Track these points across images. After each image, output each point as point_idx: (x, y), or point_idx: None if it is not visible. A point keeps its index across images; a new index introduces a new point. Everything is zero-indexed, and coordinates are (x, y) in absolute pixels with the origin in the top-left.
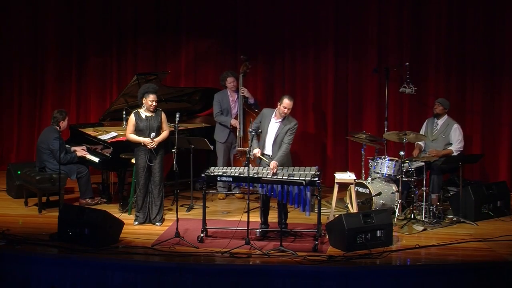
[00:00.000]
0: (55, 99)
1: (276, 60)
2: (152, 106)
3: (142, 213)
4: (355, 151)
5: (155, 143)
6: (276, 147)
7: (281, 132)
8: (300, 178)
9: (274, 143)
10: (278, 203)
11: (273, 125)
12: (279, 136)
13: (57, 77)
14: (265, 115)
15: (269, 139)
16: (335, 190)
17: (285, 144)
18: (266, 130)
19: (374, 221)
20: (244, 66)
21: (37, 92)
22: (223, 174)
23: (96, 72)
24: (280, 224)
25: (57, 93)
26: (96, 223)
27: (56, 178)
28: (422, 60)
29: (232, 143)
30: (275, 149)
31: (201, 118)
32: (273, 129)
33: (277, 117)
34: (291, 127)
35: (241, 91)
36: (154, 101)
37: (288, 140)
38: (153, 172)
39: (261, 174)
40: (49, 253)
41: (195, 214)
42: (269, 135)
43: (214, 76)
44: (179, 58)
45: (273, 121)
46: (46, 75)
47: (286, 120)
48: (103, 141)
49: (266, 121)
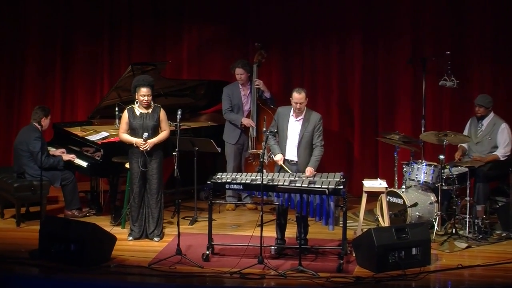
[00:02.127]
0: (36, 94)
1: (294, 49)
2: (145, 102)
3: (137, 226)
4: (386, 155)
5: (149, 145)
6: (302, 151)
7: (305, 132)
8: (323, 186)
9: (299, 146)
10: (297, 215)
11: (294, 125)
12: (305, 137)
13: (39, 68)
14: (281, 115)
15: (292, 142)
16: (363, 200)
17: (318, 147)
18: (286, 131)
19: (409, 237)
20: (259, 55)
21: (15, 85)
22: (232, 181)
23: (84, 62)
24: (299, 239)
25: (38, 87)
26: (84, 238)
27: (37, 185)
28: (465, 48)
29: (243, 144)
30: (301, 153)
31: (206, 116)
32: (295, 130)
33: (296, 115)
34: (317, 124)
35: (256, 83)
36: (146, 95)
37: (319, 141)
38: (149, 178)
39: (277, 181)
40: (29, 274)
41: (199, 228)
42: (291, 137)
43: (221, 67)
44: (181, 47)
45: (292, 120)
46: (25, 65)
47: (307, 115)
48: (92, 142)
49: (284, 121)
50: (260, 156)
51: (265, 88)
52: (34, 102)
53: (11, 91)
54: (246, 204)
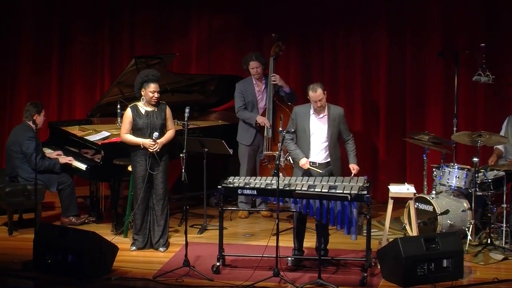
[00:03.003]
0: (31, 90)
1: (313, 41)
2: (154, 99)
3: (141, 235)
4: (415, 157)
5: (159, 146)
6: (333, 150)
7: (334, 129)
8: (345, 192)
9: (330, 146)
10: (316, 223)
11: (318, 124)
12: (334, 135)
13: (34, 62)
14: (300, 114)
15: (319, 142)
16: (390, 207)
17: (349, 140)
18: (308, 132)
19: (439, 247)
20: (276, 46)
21: (7, 81)
22: (245, 185)
23: (83, 55)
24: (318, 250)
25: (32, 82)
26: (83, 248)
27: (31, 190)
28: (502, 39)
29: (258, 146)
30: (333, 152)
31: (217, 114)
32: (321, 129)
33: (317, 113)
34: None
35: (272, 78)
36: (156, 92)
37: (349, 134)
38: (155, 183)
39: (294, 186)
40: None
41: (209, 237)
42: (317, 138)
43: (233, 60)
44: (189, 38)
45: (314, 119)
46: (19, 59)
47: (330, 111)
48: (91, 143)
49: (305, 121)
50: (276, 158)
51: (283, 83)
52: (28, 99)
53: (3, 87)
54: (261, 211)
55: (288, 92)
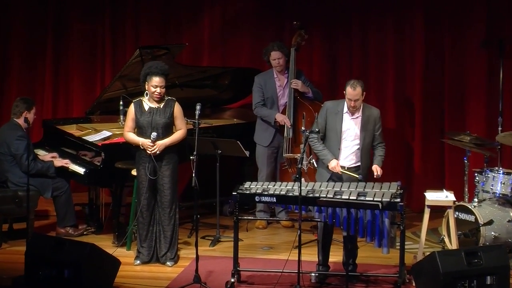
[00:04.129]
0: (23, 85)
1: (340, 30)
2: (156, 94)
3: (146, 248)
4: (454, 160)
5: (158, 148)
6: (364, 154)
7: (367, 132)
8: (375, 199)
9: (362, 150)
10: (344, 235)
11: (351, 124)
12: (367, 138)
13: (25, 53)
14: (331, 111)
15: (350, 144)
16: (426, 216)
17: (380, 148)
18: (339, 132)
19: (482, 262)
20: (298, 36)
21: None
22: (263, 192)
23: (81, 45)
24: (346, 265)
25: (25, 75)
26: (80, 262)
27: (23, 196)
28: None
29: (278, 147)
30: (364, 158)
31: (232, 112)
32: (353, 130)
33: (351, 112)
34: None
35: (293, 84)
36: (159, 86)
37: (381, 141)
38: (161, 189)
39: (318, 192)
40: None
41: (222, 250)
42: (349, 140)
43: (250, 51)
44: (200, 27)
45: (347, 119)
46: (8, 50)
47: (366, 111)
48: (91, 144)
49: (337, 120)
50: (298, 161)
51: (305, 89)
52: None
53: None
54: (281, 220)
55: (311, 96)
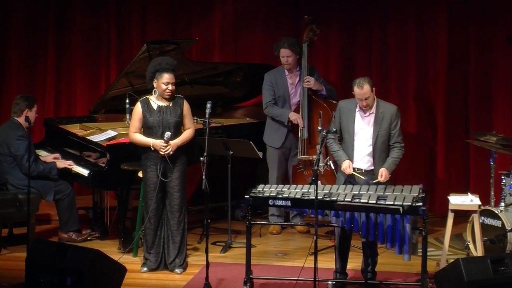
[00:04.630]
0: (23, 82)
1: (358, 25)
2: (168, 92)
3: (153, 254)
4: (480, 162)
5: (172, 148)
6: (378, 155)
7: (380, 131)
8: (396, 203)
9: (374, 150)
10: (362, 241)
11: (363, 123)
12: (380, 137)
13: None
14: (344, 110)
15: (362, 145)
16: (449, 221)
17: (396, 148)
18: (352, 132)
19: (509, 270)
20: (310, 31)
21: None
22: (277, 195)
23: (85, 40)
24: (364, 273)
25: (25, 72)
26: (84, 269)
27: (24, 199)
28: None
29: (291, 149)
30: (377, 159)
31: (244, 110)
32: (365, 129)
33: (364, 110)
34: (393, 119)
35: (306, 81)
36: (170, 83)
37: (399, 141)
38: (170, 192)
39: (336, 195)
40: None
41: (234, 257)
42: (361, 139)
43: (263, 46)
44: (211, 20)
45: (360, 117)
46: (8, 45)
47: (380, 108)
48: (95, 144)
49: (350, 119)
50: (315, 162)
51: (319, 86)
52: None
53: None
54: (296, 225)
55: (325, 94)
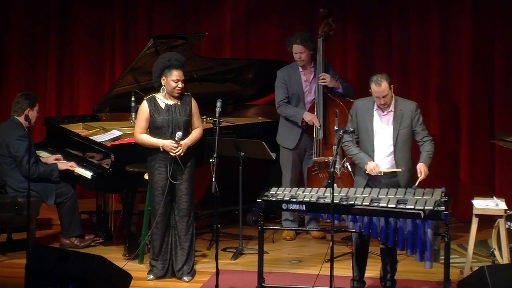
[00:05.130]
0: (23, 79)
1: (378, 19)
2: (177, 90)
3: (160, 261)
4: (506, 165)
5: (183, 149)
6: (400, 155)
7: (401, 129)
8: (417, 207)
9: (396, 150)
10: (381, 247)
11: (382, 122)
12: (401, 136)
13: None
14: (361, 110)
15: (382, 145)
16: (474, 227)
17: (427, 142)
18: (371, 132)
19: None
20: (326, 24)
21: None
22: (291, 199)
23: (88, 35)
24: (383, 281)
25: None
26: (87, 277)
27: (23, 203)
28: None
29: (306, 150)
30: (399, 158)
31: (256, 109)
32: (385, 129)
33: (382, 109)
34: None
35: (321, 79)
36: (180, 80)
37: (426, 134)
38: (178, 195)
39: (353, 199)
40: None
41: (245, 264)
42: (381, 140)
43: (276, 41)
44: (221, 14)
45: (377, 116)
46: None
47: (399, 106)
48: (99, 145)
49: (367, 118)
50: (331, 164)
51: (335, 83)
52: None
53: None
54: (311, 231)
55: (341, 92)
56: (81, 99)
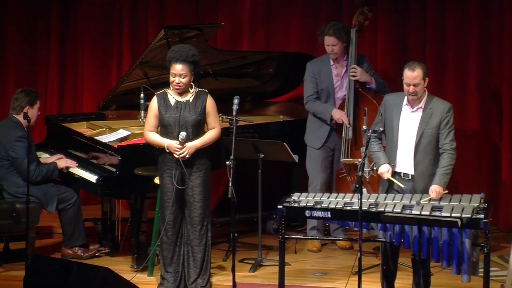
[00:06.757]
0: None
1: (411, 8)
2: (175, 85)
3: (172, 273)
4: None
5: (189, 151)
6: (420, 157)
7: (426, 128)
8: (453, 215)
9: (416, 150)
10: (413, 258)
11: (408, 119)
12: (425, 136)
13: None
14: (390, 105)
15: (406, 144)
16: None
17: (447, 152)
18: (396, 129)
19: None
20: (360, 14)
21: None
22: (315, 205)
23: (93, 25)
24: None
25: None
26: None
27: (22, 209)
28: None
29: (334, 150)
30: (419, 161)
31: (277, 107)
32: (410, 126)
33: (411, 105)
34: (444, 116)
35: (351, 71)
36: (178, 76)
37: (449, 143)
38: (190, 201)
39: (383, 206)
40: None
41: (265, 276)
42: (405, 138)
43: (300, 33)
44: (240, 3)
45: (406, 112)
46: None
47: (430, 104)
48: (104, 146)
49: (394, 114)
50: (359, 168)
51: (367, 78)
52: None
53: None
54: (337, 240)
55: (375, 88)
56: (85, 96)
